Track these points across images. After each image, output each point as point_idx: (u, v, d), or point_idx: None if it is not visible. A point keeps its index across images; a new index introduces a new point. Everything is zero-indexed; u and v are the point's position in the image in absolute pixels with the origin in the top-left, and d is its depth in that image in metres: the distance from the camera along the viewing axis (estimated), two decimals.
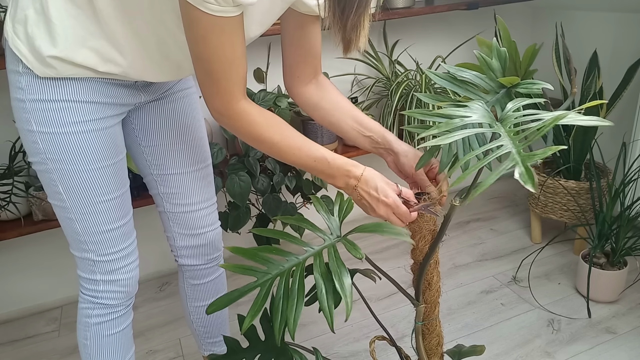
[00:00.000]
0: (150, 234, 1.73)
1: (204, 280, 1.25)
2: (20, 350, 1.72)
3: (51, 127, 0.91)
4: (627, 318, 1.62)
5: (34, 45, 0.86)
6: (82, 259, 1.03)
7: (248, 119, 0.86)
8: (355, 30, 0.80)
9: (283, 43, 1.01)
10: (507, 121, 0.76)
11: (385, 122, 1.91)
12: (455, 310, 1.73)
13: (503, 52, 0.91)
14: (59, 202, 0.97)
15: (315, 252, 0.86)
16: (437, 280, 0.97)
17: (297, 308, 0.81)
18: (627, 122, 1.94)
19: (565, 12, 2.15)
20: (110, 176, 0.98)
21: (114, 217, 1.00)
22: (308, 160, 0.90)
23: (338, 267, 0.82)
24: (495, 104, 0.89)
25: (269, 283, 0.84)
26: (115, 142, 0.99)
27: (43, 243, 1.84)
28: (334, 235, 0.89)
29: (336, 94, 1.04)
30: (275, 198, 1.79)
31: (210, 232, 1.20)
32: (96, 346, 1.08)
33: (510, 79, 0.88)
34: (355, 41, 0.82)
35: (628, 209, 1.62)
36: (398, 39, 2.14)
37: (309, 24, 0.97)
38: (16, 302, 1.89)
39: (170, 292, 1.96)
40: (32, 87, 0.89)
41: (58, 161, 0.93)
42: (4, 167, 1.61)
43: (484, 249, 2.07)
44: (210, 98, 0.84)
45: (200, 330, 1.33)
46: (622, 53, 1.94)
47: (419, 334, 0.99)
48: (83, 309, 1.08)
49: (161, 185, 1.15)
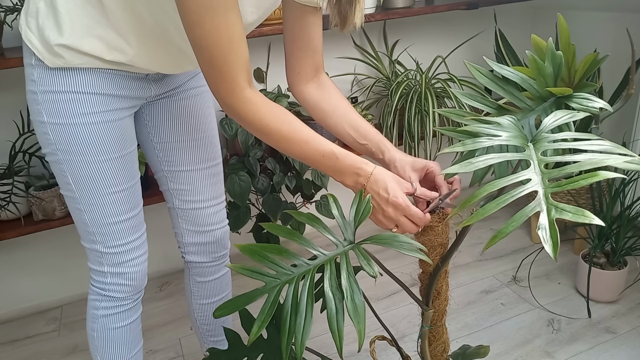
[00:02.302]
0: (150, 234, 1.72)
1: (209, 278, 1.26)
2: (20, 350, 1.72)
3: (61, 118, 0.92)
4: (627, 318, 1.62)
5: (44, 36, 0.88)
6: (91, 250, 1.03)
7: (253, 109, 0.83)
8: (351, 4, 0.79)
9: (284, 38, 1.01)
10: (541, 144, 0.67)
11: (385, 122, 1.91)
12: (455, 310, 1.73)
13: (559, 56, 0.80)
14: (69, 192, 0.99)
15: (327, 259, 0.79)
16: (446, 290, 0.95)
17: (305, 327, 0.74)
18: (627, 122, 1.94)
19: (565, 12, 2.14)
20: (119, 168, 0.98)
21: (122, 209, 1.01)
22: (315, 155, 0.86)
23: (350, 284, 0.75)
24: (541, 114, 0.80)
25: (277, 290, 0.78)
26: (125, 135, 0.99)
27: (43, 243, 1.84)
28: (347, 242, 0.82)
29: (336, 96, 1.03)
30: (275, 198, 1.79)
31: (218, 229, 1.21)
32: (103, 338, 1.08)
33: (561, 90, 0.79)
34: (351, 16, 0.81)
35: (628, 209, 1.61)
36: (398, 38, 2.14)
37: (308, 16, 0.96)
38: (16, 302, 1.89)
39: (170, 292, 1.96)
40: (43, 78, 0.91)
41: (67, 152, 0.94)
42: (4, 167, 1.61)
43: (487, 250, 2.07)
44: (216, 87, 0.82)
45: (203, 328, 1.33)
46: (622, 53, 1.94)
47: (425, 338, 0.97)
48: (91, 300, 1.08)
49: (171, 182, 1.15)
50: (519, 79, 0.82)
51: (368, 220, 0.86)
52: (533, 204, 0.58)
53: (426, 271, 0.95)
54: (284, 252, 0.81)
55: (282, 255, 0.82)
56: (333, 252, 0.81)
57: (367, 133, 0.99)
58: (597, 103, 0.76)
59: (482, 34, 2.24)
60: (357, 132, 1.00)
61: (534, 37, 0.83)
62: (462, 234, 0.81)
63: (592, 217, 0.54)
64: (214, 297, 1.29)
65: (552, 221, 0.55)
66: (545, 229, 0.55)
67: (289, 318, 0.76)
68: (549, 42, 0.81)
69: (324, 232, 0.84)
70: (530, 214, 0.57)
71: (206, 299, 1.28)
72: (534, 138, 0.69)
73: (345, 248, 0.80)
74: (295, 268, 0.80)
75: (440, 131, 0.78)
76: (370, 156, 0.99)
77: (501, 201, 0.59)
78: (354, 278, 0.76)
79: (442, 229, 0.88)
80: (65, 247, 1.87)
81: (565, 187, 0.59)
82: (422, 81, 1.87)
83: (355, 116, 1.01)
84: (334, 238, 0.83)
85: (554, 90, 0.80)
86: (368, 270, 0.74)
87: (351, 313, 0.72)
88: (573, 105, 0.78)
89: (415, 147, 1.90)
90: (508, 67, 0.83)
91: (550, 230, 0.55)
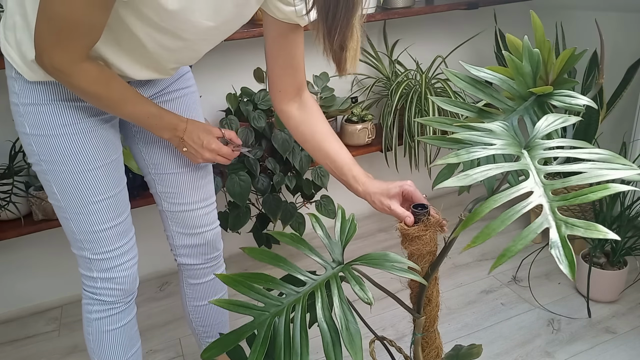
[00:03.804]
0: (150, 234, 1.73)
1: (202, 280, 1.25)
2: (20, 350, 1.71)
3: (43, 130, 0.93)
4: (627, 318, 1.62)
5: (21, 50, 0.88)
6: (80, 257, 1.04)
7: (87, 78, 0.85)
8: (342, 50, 0.77)
9: (266, 54, 1.00)
10: (536, 151, 0.64)
11: (385, 122, 1.91)
12: (455, 310, 1.73)
13: (536, 54, 0.78)
14: (55, 201, 0.99)
15: (316, 285, 0.75)
16: (436, 296, 0.93)
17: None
18: (627, 122, 1.93)
19: (565, 12, 2.14)
20: (103, 176, 0.98)
21: (109, 217, 1.01)
22: (141, 115, 0.96)
23: (344, 312, 0.71)
24: (523, 114, 0.79)
25: (268, 324, 0.74)
26: (108, 143, 0.99)
27: (43, 243, 1.84)
28: (335, 263, 0.79)
29: (316, 119, 1.02)
30: (275, 198, 1.79)
31: (208, 231, 1.20)
32: (98, 341, 1.09)
33: (543, 89, 0.78)
34: (343, 62, 0.80)
35: (628, 209, 1.61)
36: (398, 38, 2.14)
37: (288, 33, 0.95)
38: (16, 302, 1.89)
39: (170, 292, 1.96)
40: (24, 91, 0.91)
41: (51, 162, 0.95)
42: (4, 167, 1.61)
43: (484, 249, 2.07)
44: (48, 51, 0.80)
45: (199, 330, 1.33)
46: (622, 53, 1.94)
47: (418, 345, 0.96)
48: (84, 304, 1.09)
49: (159, 185, 1.15)
50: (498, 80, 0.80)
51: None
52: (540, 219, 0.55)
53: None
54: (270, 280, 0.77)
55: (268, 284, 0.78)
56: (322, 276, 0.78)
57: (342, 166, 0.99)
58: (580, 100, 0.74)
59: (482, 34, 2.23)
60: (334, 164, 1.00)
61: (509, 37, 0.82)
62: (451, 241, 0.80)
63: (605, 232, 0.51)
64: (208, 299, 1.28)
65: (564, 238, 0.52)
66: (559, 248, 0.52)
67: (282, 355, 0.71)
68: (525, 41, 0.79)
69: (310, 254, 0.82)
70: (539, 231, 0.54)
71: (200, 300, 1.28)
72: (527, 145, 0.66)
73: (335, 270, 0.77)
74: (284, 298, 0.76)
75: (426, 141, 0.75)
76: (348, 187, 1.00)
77: (506, 218, 0.56)
78: (347, 305, 0.72)
79: (430, 237, 0.87)
80: (65, 247, 1.86)
81: (573, 202, 0.55)
82: (422, 81, 1.87)
83: (333, 145, 1.00)
84: (321, 260, 0.80)
85: (534, 90, 0.79)
86: (362, 297, 0.71)
87: (347, 344, 0.70)
88: (555, 103, 0.77)
89: (415, 147, 1.90)
90: (486, 69, 0.81)
91: (564, 249, 0.51)
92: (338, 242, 0.82)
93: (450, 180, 0.62)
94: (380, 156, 2.01)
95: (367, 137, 1.96)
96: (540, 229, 0.54)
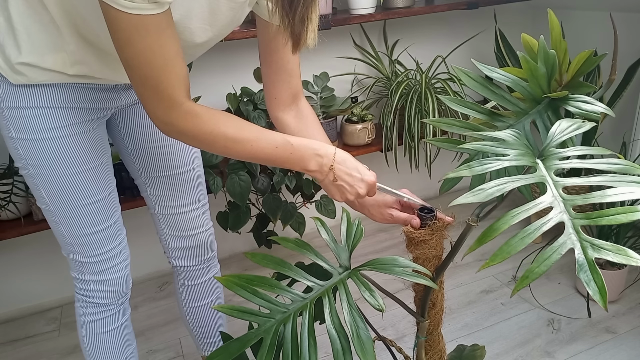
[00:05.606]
0: (149, 234, 1.73)
1: (197, 281, 1.25)
2: (20, 350, 1.72)
3: (29, 134, 0.91)
4: (627, 318, 1.62)
5: (5, 54, 0.86)
6: (72, 260, 1.03)
7: (194, 120, 0.78)
8: (303, 23, 0.76)
9: (260, 60, 0.97)
10: (550, 161, 0.60)
11: (385, 122, 1.91)
12: (455, 310, 1.73)
13: (552, 55, 0.74)
14: (44, 205, 0.98)
15: (323, 291, 0.72)
16: (441, 300, 0.92)
17: None
18: (627, 122, 1.93)
19: (565, 12, 2.14)
20: (92, 179, 0.97)
21: (98, 220, 1.00)
22: (268, 149, 0.81)
23: (354, 318, 0.68)
24: (536, 117, 0.75)
25: (274, 331, 0.71)
26: (96, 145, 0.97)
27: (43, 243, 1.83)
28: (342, 268, 0.76)
29: (313, 130, 0.99)
30: (275, 198, 1.79)
31: (201, 233, 1.20)
32: (92, 343, 1.09)
33: (559, 94, 0.74)
34: (304, 36, 0.79)
35: None
36: (398, 38, 2.14)
37: (280, 36, 0.92)
38: (16, 301, 1.89)
39: (170, 292, 1.95)
40: (8, 94, 0.89)
41: (39, 166, 0.93)
42: (4, 167, 1.61)
43: (484, 249, 2.07)
44: (152, 108, 0.77)
45: (197, 331, 1.33)
46: (622, 53, 1.94)
47: (421, 348, 0.95)
48: (78, 307, 1.08)
49: (150, 188, 1.14)
50: (511, 82, 0.77)
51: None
52: (562, 238, 0.51)
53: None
54: (275, 285, 0.74)
55: (272, 289, 0.74)
56: (329, 281, 0.76)
57: None
58: (597, 107, 0.70)
59: (482, 33, 2.24)
60: None
61: (524, 36, 0.78)
62: (456, 246, 0.79)
63: (637, 258, 0.48)
64: (205, 300, 1.28)
65: (592, 262, 0.48)
66: (587, 272, 0.48)
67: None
68: (541, 41, 0.75)
69: (316, 259, 0.79)
70: (563, 251, 0.51)
71: (197, 301, 1.28)
72: (541, 154, 0.63)
73: (342, 276, 0.75)
74: (291, 304, 0.73)
75: (435, 144, 0.73)
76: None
77: (525, 236, 0.54)
78: (357, 311, 0.70)
79: (436, 241, 0.86)
80: None
81: (599, 222, 0.52)
82: (422, 81, 1.87)
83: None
84: (328, 265, 0.78)
85: (551, 95, 0.76)
86: (372, 303, 0.69)
87: (359, 352, 0.66)
88: (570, 109, 0.73)
89: (415, 147, 1.90)
90: (498, 69, 0.78)
91: (592, 274, 0.47)
92: (345, 246, 0.80)
93: (464, 196, 0.59)
94: (380, 156, 2.01)
95: (367, 137, 1.96)
96: (564, 250, 0.51)
